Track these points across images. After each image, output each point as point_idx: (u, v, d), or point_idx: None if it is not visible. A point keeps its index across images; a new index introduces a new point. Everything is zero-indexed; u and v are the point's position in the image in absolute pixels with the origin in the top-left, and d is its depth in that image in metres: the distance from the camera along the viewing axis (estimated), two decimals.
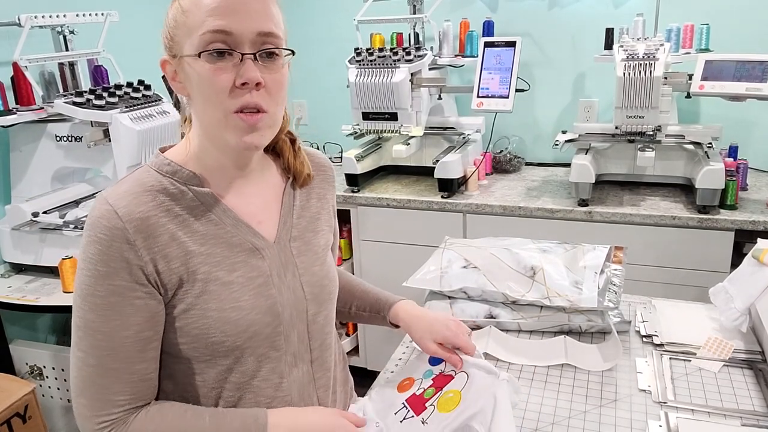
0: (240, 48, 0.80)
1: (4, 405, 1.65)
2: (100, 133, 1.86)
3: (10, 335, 2.01)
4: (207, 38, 0.79)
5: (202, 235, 0.86)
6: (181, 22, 0.81)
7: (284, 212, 0.96)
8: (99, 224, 0.80)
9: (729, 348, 1.17)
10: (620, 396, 1.07)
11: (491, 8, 2.64)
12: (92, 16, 2.06)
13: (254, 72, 0.80)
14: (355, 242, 2.44)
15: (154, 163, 0.88)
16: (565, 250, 1.35)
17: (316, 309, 0.96)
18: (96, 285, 0.80)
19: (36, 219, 1.90)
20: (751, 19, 2.30)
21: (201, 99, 0.83)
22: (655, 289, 1.99)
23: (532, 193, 2.28)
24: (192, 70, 0.81)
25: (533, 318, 1.27)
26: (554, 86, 2.63)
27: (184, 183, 0.86)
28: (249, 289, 0.87)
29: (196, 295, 0.84)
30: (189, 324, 0.84)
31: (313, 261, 0.97)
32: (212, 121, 0.83)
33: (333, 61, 2.87)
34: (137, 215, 0.81)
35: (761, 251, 1.22)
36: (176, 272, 0.83)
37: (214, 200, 0.88)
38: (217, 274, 0.85)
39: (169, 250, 0.82)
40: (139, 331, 0.82)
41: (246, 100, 0.80)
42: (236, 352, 0.87)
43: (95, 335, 0.81)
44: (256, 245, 0.90)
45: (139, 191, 0.83)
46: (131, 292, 0.80)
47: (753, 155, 2.35)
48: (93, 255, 0.80)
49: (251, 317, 0.86)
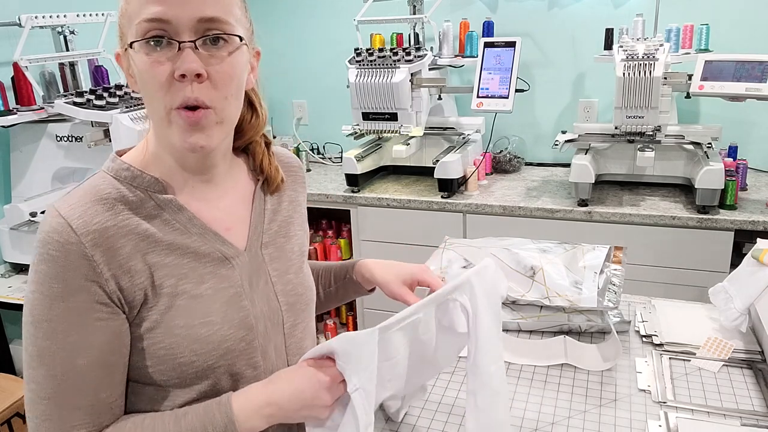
0: (178, 36, 0.71)
1: (4, 405, 1.65)
2: (100, 133, 1.86)
3: (10, 335, 2.01)
4: (143, 27, 0.71)
5: (166, 245, 0.78)
6: (124, 9, 0.74)
7: (255, 217, 0.89)
8: (50, 240, 0.71)
9: (729, 348, 1.17)
10: (620, 396, 1.07)
11: (491, 8, 2.64)
12: (92, 16, 2.06)
13: (193, 62, 0.71)
14: (355, 242, 2.44)
15: (111, 168, 0.80)
16: (565, 250, 1.35)
17: (293, 320, 0.90)
18: (51, 308, 0.71)
19: (34, 219, 1.90)
20: (751, 19, 2.30)
21: (144, 94, 0.75)
22: (655, 289, 1.99)
23: (532, 193, 2.28)
24: (134, 63, 0.74)
25: (533, 318, 1.27)
26: (554, 86, 2.63)
27: (144, 189, 0.79)
28: (219, 302, 0.80)
29: (161, 312, 0.76)
30: (155, 344, 0.76)
31: (287, 268, 0.91)
32: (155, 119, 0.76)
33: (333, 61, 2.87)
34: (94, 227, 0.72)
35: (761, 251, 1.22)
36: (140, 287, 0.75)
37: (178, 207, 0.80)
38: (184, 287, 0.78)
39: (131, 263, 0.74)
40: (101, 355, 0.73)
41: (186, 94, 0.72)
42: (208, 372, 0.79)
43: (51, 364, 0.71)
44: (225, 254, 0.82)
45: (95, 200, 0.75)
46: (91, 312, 0.72)
47: (753, 155, 2.36)
48: (45, 274, 0.71)
49: (223, 332, 0.79)
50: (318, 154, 3.01)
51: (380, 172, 2.59)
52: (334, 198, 2.40)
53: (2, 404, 1.65)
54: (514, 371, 1.17)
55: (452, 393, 1.10)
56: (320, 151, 3.02)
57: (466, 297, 0.86)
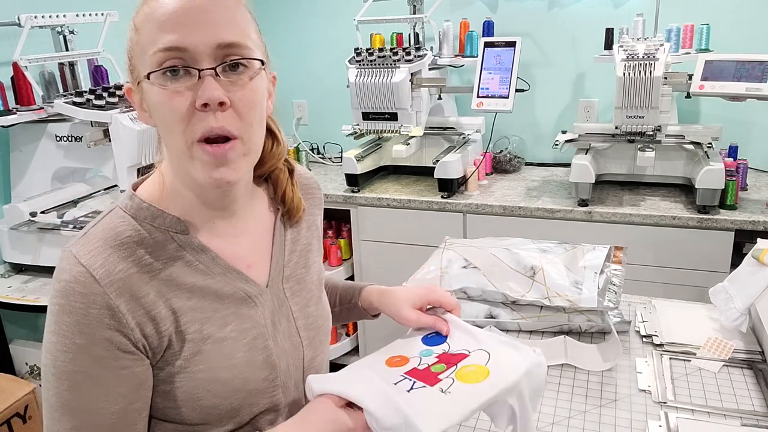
0: (197, 64, 0.68)
1: (4, 405, 1.65)
2: (100, 133, 1.86)
3: (10, 335, 2.01)
4: (159, 57, 0.67)
5: (188, 288, 0.75)
6: (135, 41, 0.71)
7: (276, 251, 0.85)
8: (72, 291, 0.68)
9: (729, 348, 1.17)
10: (620, 396, 1.07)
11: (491, 8, 2.64)
12: (92, 16, 2.06)
13: (215, 90, 0.67)
14: (355, 242, 2.44)
15: (129, 206, 0.76)
16: (565, 250, 1.35)
17: (312, 354, 0.88)
18: (75, 360, 0.68)
19: (33, 219, 1.90)
20: (751, 19, 2.30)
21: (162, 129, 0.72)
22: (655, 289, 1.99)
23: (532, 193, 2.27)
24: (149, 96, 0.70)
25: (533, 318, 1.27)
26: (554, 86, 2.63)
27: (165, 230, 0.75)
28: (242, 344, 0.77)
29: (186, 358, 0.74)
30: (177, 387, 0.74)
31: (308, 301, 0.88)
32: (176, 154, 0.72)
33: (333, 61, 2.87)
34: (117, 275, 0.69)
35: (761, 251, 1.22)
36: (165, 334, 0.72)
37: (200, 248, 0.77)
38: (208, 330, 0.75)
39: (156, 311, 0.71)
40: (128, 404, 0.71)
41: (209, 125, 0.68)
42: (231, 413, 0.77)
43: (76, 415, 0.69)
44: (248, 293, 0.80)
45: (116, 245, 0.71)
46: (116, 362, 0.69)
47: (753, 155, 2.35)
48: (68, 327, 0.68)
49: (245, 375, 0.77)
50: (318, 154, 3.01)
51: (380, 172, 2.58)
52: (334, 198, 2.40)
53: (2, 404, 1.65)
54: None
55: None
56: (320, 151, 3.02)
57: (515, 399, 0.79)
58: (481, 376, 0.79)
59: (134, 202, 0.76)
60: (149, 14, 0.69)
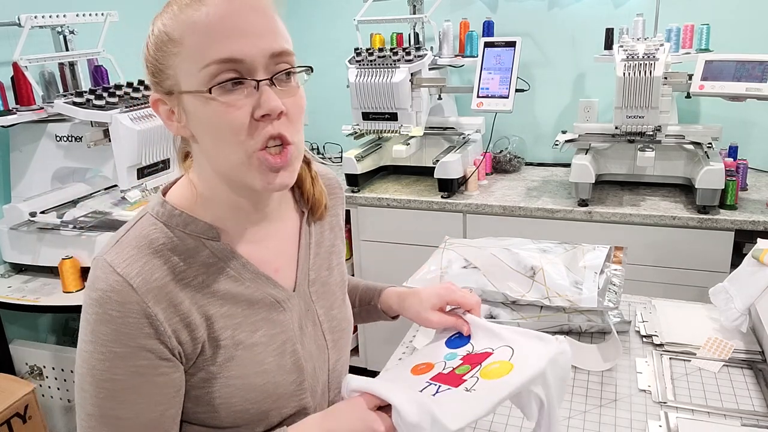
0: (253, 75, 0.68)
1: (4, 405, 1.65)
2: (100, 133, 1.86)
3: (10, 335, 2.01)
4: (213, 70, 0.67)
5: (221, 295, 0.75)
6: (173, 52, 0.69)
7: (302, 255, 0.86)
8: (109, 299, 0.68)
9: (729, 348, 1.17)
10: (620, 396, 1.07)
11: (491, 8, 2.64)
12: (92, 16, 2.06)
13: (275, 101, 0.68)
14: (355, 242, 2.44)
15: (160, 213, 0.75)
16: (565, 250, 1.35)
17: (336, 356, 0.89)
18: (113, 369, 0.69)
19: (33, 219, 1.90)
20: (751, 19, 2.30)
21: (213, 140, 0.70)
22: (655, 289, 1.99)
23: (532, 193, 2.27)
24: (197, 109, 0.69)
25: (533, 318, 1.27)
26: (554, 86, 2.63)
27: (197, 237, 0.75)
28: (272, 349, 0.78)
29: (219, 364, 0.74)
30: (209, 393, 0.75)
31: (332, 304, 0.89)
32: (230, 165, 0.71)
33: (333, 61, 2.87)
34: (154, 284, 0.69)
35: (761, 251, 1.22)
36: (199, 341, 0.73)
37: (231, 254, 0.77)
38: (239, 337, 0.76)
39: (191, 318, 0.72)
40: (165, 410, 0.72)
41: (268, 133, 0.69)
42: (261, 416, 0.78)
43: (116, 423, 0.70)
44: (277, 298, 0.80)
45: (150, 252, 0.71)
46: (154, 369, 0.70)
47: (753, 155, 2.35)
48: (105, 336, 0.68)
49: (276, 379, 0.78)
50: (318, 154, 3.01)
51: (380, 172, 2.59)
52: None
53: (2, 404, 1.65)
54: None
55: None
56: (320, 151, 3.02)
57: (541, 388, 0.80)
58: (505, 371, 0.79)
59: (166, 209, 0.76)
60: (193, 24, 0.68)
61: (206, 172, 0.76)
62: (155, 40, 0.71)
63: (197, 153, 0.75)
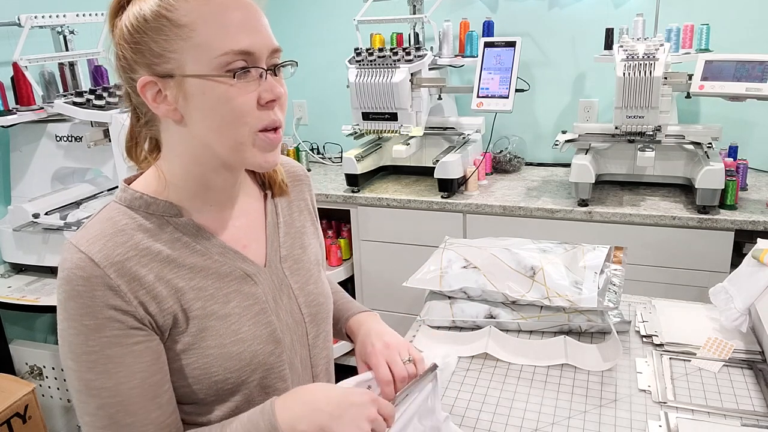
0: (258, 65, 0.77)
1: (4, 405, 1.65)
2: (100, 133, 1.86)
3: (10, 335, 2.01)
4: (228, 59, 0.73)
5: (189, 269, 0.79)
6: (180, 36, 0.73)
7: (270, 232, 0.91)
8: (74, 276, 0.73)
9: (729, 348, 1.17)
10: (620, 396, 1.07)
11: (491, 8, 2.64)
12: (92, 16, 2.06)
13: (280, 87, 0.78)
14: (355, 242, 2.44)
15: (123, 198, 0.81)
16: (565, 250, 1.35)
17: (315, 331, 0.93)
18: (87, 342, 0.73)
19: (36, 220, 1.90)
20: (751, 19, 2.30)
21: (215, 121, 0.76)
22: (655, 289, 1.99)
23: (532, 193, 2.28)
24: (204, 91, 0.74)
25: (533, 318, 1.27)
26: (554, 86, 2.63)
27: (160, 215, 0.80)
28: (247, 318, 0.82)
29: (193, 334, 0.78)
30: (189, 365, 0.79)
31: (307, 280, 0.93)
32: (233, 144, 0.77)
33: (333, 61, 2.87)
34: (116, 258, 0.74)
35: (761, 251, 1.22)
36: (169, 312, 0.77)
37: (196, 229, 0.82)
38: (212, 308, 0.80)
39: (157, 290, 0.76)
40: (147, 377, 0.75)
41: (271, 118, 0.77)
42: (242, 387, 0.82)
43: (100, 394, 0.74)
44: (247, 271, 0.85)
45: (113, 232, 0.76)
46: (127, 339, 0.74)
47: (753, 155, 2.35)
48: (75, 311, 0.73)
49: (253, 348, 0.82)
50: (318, 154, 3.01)
51: (380, 172, 2.58)
52: (334, 198, 2.40)
53: (2, 404, 1.65)
54: (514, 371, 1.17)
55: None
56: (320, 151, 3.02)
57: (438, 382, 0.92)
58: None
59: (127, 194, 0.81)
60: (208, 15, 0.73)
61: (181, 157, 0.80)
62: (158, 26, 0.73)
63: (177, 137, 0.79)
